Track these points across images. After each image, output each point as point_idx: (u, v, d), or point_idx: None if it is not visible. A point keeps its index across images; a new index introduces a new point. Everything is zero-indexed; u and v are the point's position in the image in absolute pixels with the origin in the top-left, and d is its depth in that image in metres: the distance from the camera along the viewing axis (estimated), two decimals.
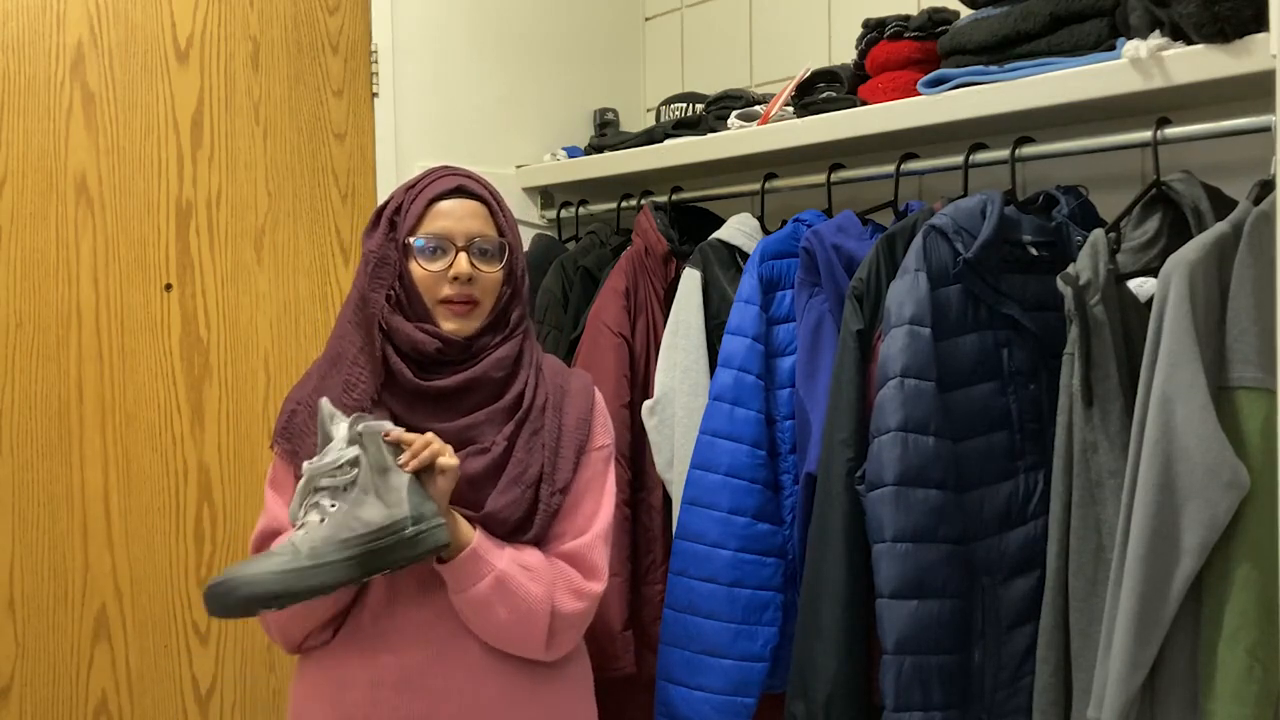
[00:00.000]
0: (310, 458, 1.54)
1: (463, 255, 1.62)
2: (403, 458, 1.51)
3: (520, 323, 1.69)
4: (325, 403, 1.54)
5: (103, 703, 2.14)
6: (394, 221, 1.64)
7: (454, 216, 1.63)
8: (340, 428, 1.51)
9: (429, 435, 1.53)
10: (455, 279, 1.61)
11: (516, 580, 1.57)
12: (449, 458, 1.53)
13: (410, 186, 1.68)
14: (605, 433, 1.74)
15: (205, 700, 2.24)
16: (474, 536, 1.56)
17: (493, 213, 1.67)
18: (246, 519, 2.28)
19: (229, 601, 1.43)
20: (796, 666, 1.79)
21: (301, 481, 1.51)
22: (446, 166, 1.72)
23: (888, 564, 1.65)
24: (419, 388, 1.61)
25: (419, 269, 1.62)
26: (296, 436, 1.63)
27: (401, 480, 1.49)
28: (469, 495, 1.58)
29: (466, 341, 1.63)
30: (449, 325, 1.62)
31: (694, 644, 1.91)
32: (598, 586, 1.66)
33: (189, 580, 2.23)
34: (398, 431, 1.52)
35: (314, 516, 1.48)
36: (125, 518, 2.17)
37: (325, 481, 1.49)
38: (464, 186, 1.66)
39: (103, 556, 2.14)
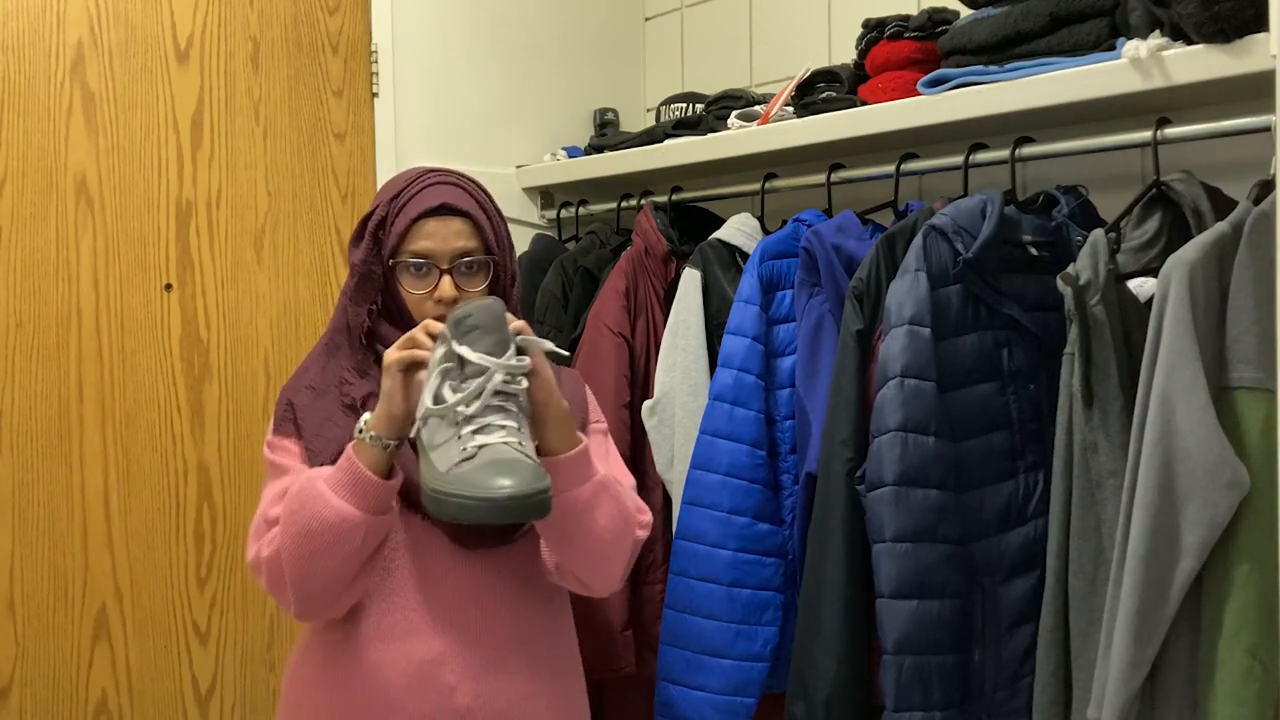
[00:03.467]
0: (312, 433, 1.56)
1: (446, 279, 1.59)
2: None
3: None
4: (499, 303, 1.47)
5: (103, 703, 2.14)
6: (378, 236, 1.62)
7: (438, 237, 1.59)
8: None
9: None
10: (439, 301, 1.59)
11: (614, 488, 1.57)
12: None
13: (395, 196, 1.63)
14: (599, 412, 1.78)
15: (205, 700, 2.24)
16: (584, 441, 1.55)
17: (479, 227, 1.62)
18: (247, 519, 2.28)
19: (528, 505, 1.35)
20: (796, 666, 1.79)
21: (478, 375, 1.41)
22: (433, 172, 1.67)
23: (888, 564, 1.65)
24: None
25: (405, 291, 1.62)
26: (300, 413, 1.61)
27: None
28: None
29: None
30: None
31: (694, 644, 1.91)
32: (650, 519, 1.68)
33: (189, 580, 2.23)
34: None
35: (510, 421, 1.42)
36: (125, 518, 2.17)
37: (503, 391, 1.43)
38: (447, 204, 1.61)
39: (103, 556, 2.14)
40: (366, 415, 1.51)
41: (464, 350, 1.41)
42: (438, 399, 1.42)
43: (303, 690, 1.66)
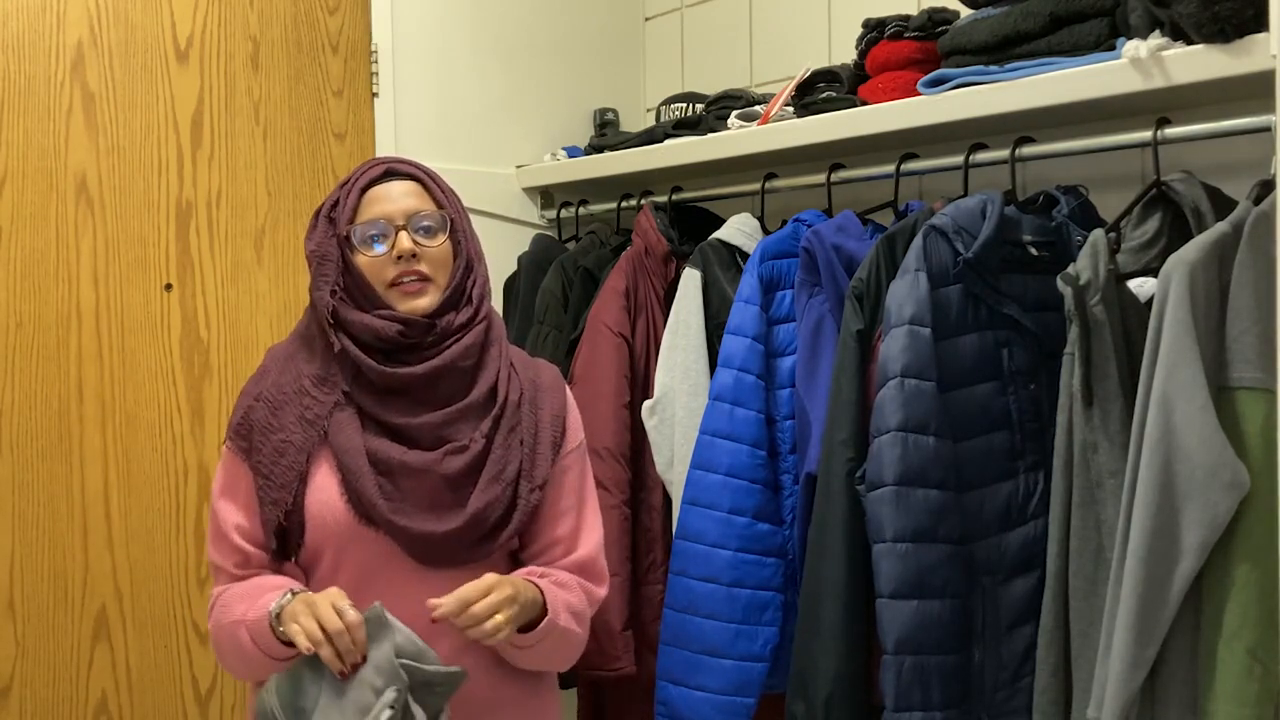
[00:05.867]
0: (266, 463, 1.57)
1: (403, 234, 1.60)
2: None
3: (482, 303, 1.66)
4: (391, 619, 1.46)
5: (103, 703, 2.14)
6: (332, 218, 1.63)
7: (388, 199, 1.62)
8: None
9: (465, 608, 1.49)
10: (400, 258, 1.59)
11: (570, 631, 1.62)
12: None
13: (344, 183, 1.66)
14: (579, 429, 1.73)
15: (205, 700, 2.24)
16: (549, 607, 1.57)
17: (427, 188, 1.65)
18: None
19: None
20: (796, 666, 1.79)
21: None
22: (376, 158, 1.71)
23: (888, 564, 1.65)
24: (386, 377, 1.58)
25: (363, 258, 1.60)
26: (256, 433, 1.60)
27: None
28: (449, 495, 1.57)
29: (428, 321, 1.60)
30: (404, 306, 1.59)
31: (694, 644, 1.91)
32: (605, 591, 1.71)
33: (189, 580, 2.23)
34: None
35: None
36: (125, 518, 2.17)
37: None
38: (393, 169, 1.65)
39: (103, 556, 2.14)
40: (288, 598, 1.49)
41: (418, 713, 1.44)
42: None
43: None
